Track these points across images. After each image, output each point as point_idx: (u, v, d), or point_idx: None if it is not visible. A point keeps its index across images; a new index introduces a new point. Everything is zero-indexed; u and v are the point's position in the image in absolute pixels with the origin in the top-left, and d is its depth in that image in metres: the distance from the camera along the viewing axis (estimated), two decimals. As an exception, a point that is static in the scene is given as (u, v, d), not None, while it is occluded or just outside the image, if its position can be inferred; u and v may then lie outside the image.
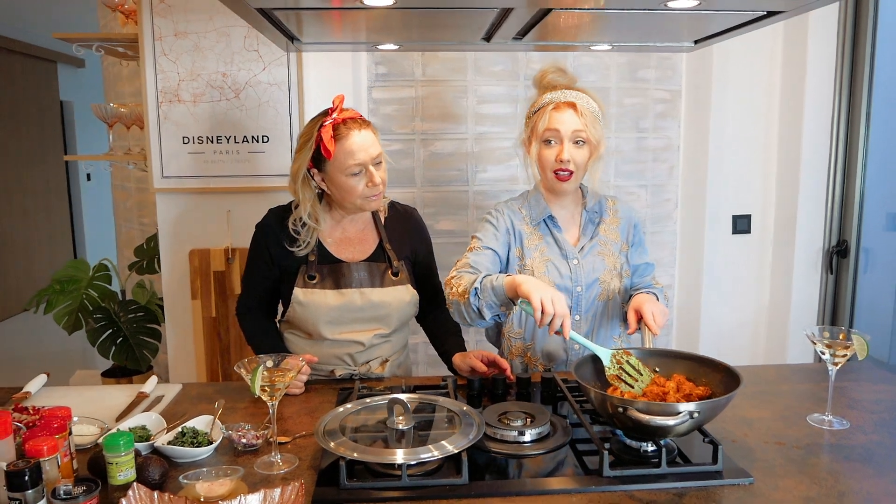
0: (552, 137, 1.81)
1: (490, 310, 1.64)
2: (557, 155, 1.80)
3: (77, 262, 3.17)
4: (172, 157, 2.54)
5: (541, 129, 1.82)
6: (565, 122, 1.79)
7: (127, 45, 2.64)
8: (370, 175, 1.75)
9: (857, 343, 1.49)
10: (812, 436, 1.49)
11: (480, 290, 1.63)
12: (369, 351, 1.89)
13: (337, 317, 1.83)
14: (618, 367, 1.48)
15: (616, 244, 1.94)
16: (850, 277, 3.04)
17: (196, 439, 1.39)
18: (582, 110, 1.80)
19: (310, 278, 1.83)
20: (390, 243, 1.91)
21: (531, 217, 1.92)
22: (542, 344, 1.91)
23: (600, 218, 1.95)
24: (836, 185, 3.02)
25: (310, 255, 1.84)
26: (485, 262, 1.83)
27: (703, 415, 1.26)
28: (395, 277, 1.87)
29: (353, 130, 1.73)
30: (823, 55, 2.91)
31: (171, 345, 2.68)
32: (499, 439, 1.42)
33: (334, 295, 1.82)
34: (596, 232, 1.93)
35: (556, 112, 1.80)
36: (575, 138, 1.80)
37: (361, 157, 1.73)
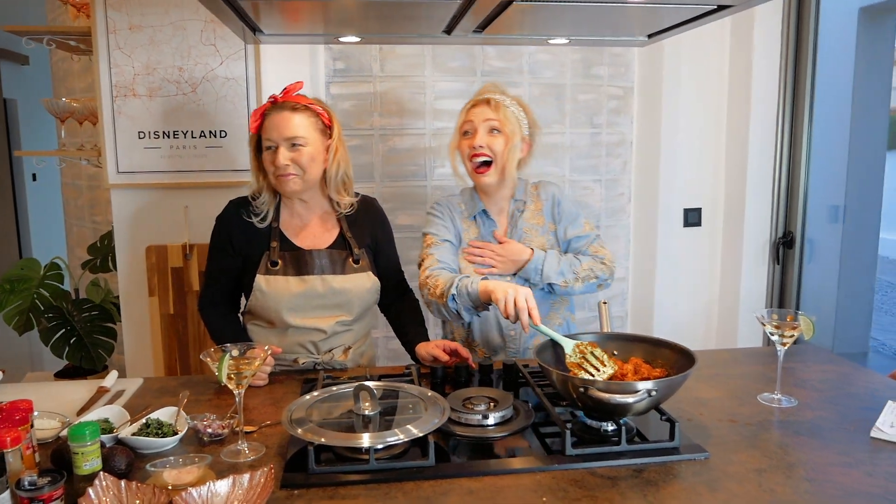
0: (468, 129, 1.95)
1: (468, 312, 1.79)
2: (471, 142, 1.92)
3: (27, 262, 3.09)
4: (127, 153, 2.51)
5: (459, 123, 1.97)
6: (478, 114, 1.93)
7: (79, 39, 2.59)
8: (275, 156, 1.79)
9: (803, 324, 1.56)
10: (763, 413, 1.56)
11: (457, 294, 1.75)
12: (332, 339, 1.90)
13: (299, 304, 1.84)
14: (580, 356, 1.52)
15: (541, 227, 2.04)
16: (796, 267, 3.15)
17: (161, 430, 1.39)
18: (495, 104, 1.93)
19: (272, 265, 1.84)
20: (351, 232, 1.93)
21: (468, 212, 2.03)
22: (479, 331, 2.01)
23: (524, 205, 2.05)
24: (781, 179, 3.13)
25: (272, 243, 1.86)
26: (448, 254, 1.94)
27: (660, 393, 1.31)
28: (355, 265, 1.90)
29: (276, 111, 1.79)
30: (769, 52, 3.01)
31: (127, 343, 2.64)
32: (463, 423, 1.44)
33: (296, 282, 1.84)
34: (520, 220, 2.03)
35: (473, 108, 1.96)
36: (489, 127, 1.92)
37: (271, 135, 1.79)
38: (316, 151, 1.83)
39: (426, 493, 1.21)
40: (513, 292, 1.62)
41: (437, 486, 1.23)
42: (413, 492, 1.21)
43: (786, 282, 3.20)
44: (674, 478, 1.26)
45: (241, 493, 1.15)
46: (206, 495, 1.12)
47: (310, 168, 1.82)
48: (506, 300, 1.62)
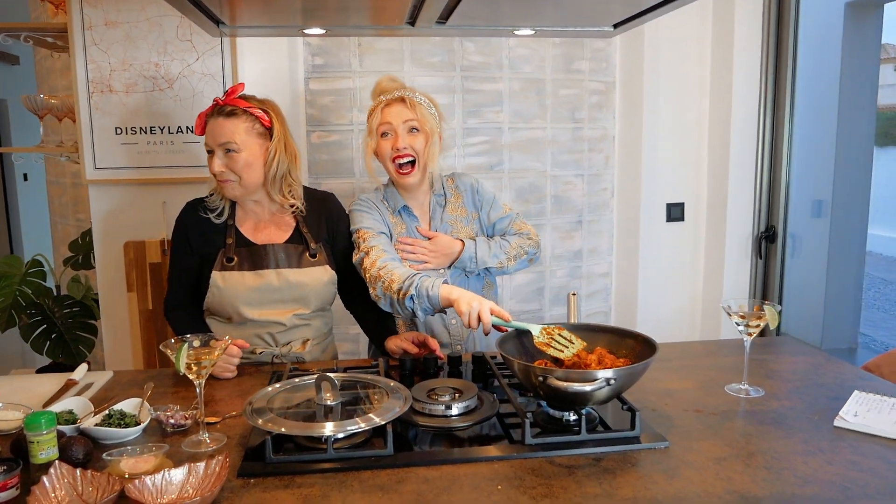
0: (386, 130, 1.93)
1: (424, 313, 1.76)
2: (393, 144, 1.91)
3: (9, 259, 3.08)
4: (105, 149, 2.50)
5: (375, 125, 1.95)
6: (395, 114, 1.92)
7: (56, 35, 2.59)
8: (212, 163, 1.82)
9: (768, 313, 1.57)
10: (729, 403, 1.56)
11: (416, 296, 1.72)
12: (290, 332, 1.91)
13: (255, 298, 1.86)
14: (548, 337, 1.52)
15: (465, 218, 2.06)
16: (779, 262, 3.16)
17: (123, 421, 1.39)
18: (411, 102, 1.92)
19: (228, 261, 1.86)
20: (307, 226, 1.94)
21: (390, 206, 2.02)
22: (422, 324, 2.01)
23: (445, 200, 2.06)
24: (763, 173, 3.14)
25: (227, 240, 1.88)
26: (387, 244, 1.93)
27: (620, 381, 1.31)
28: (312, 258, 1.91)
29: (214, 117, 1.82)
30: (750, 47, 3.03)
31: (106, 338, 2.63)
32: (427, 413, 1.45)
33: (252, 276, 1.85)
34: (444, 214, 2.04)
35: (388, 108, 1.94)
36: (408, 127, 1.92)
37: (208, 140, 1.83)
38: (252, 157, 1.83)
39: (382, 481, 1.21)
40: (477, 306, 1.61)
41: (393, 475, 1.23)
42: (369, 480, 1.21)
43: (768, 276, 3.21)
44: (632, 466, 1.26)
45: (195, 481, 1.15)
46: (160, 483, 1.12)
47: (245, 173, 1.83)
48: (469, 315, 1.61)
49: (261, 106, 1.85)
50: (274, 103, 1.91)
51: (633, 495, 1.16)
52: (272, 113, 1.86)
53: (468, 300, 1.64)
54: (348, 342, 2.82)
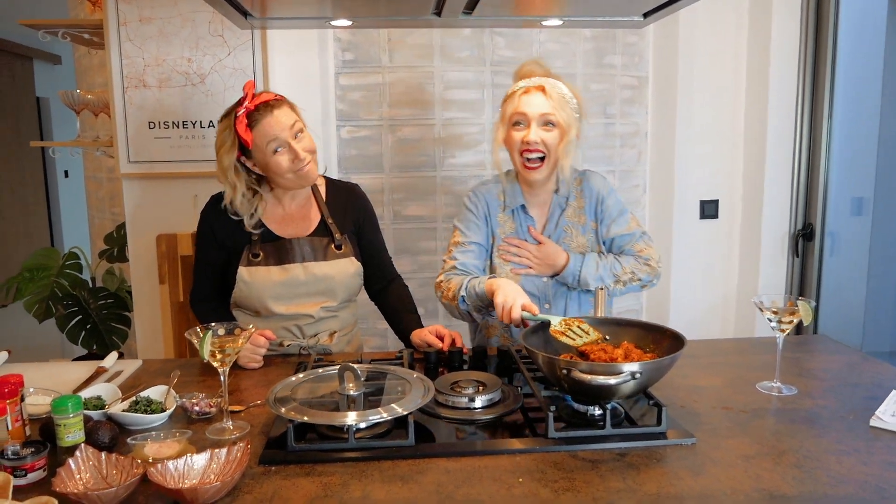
0: (520, 120, 1.83)
1: (478, 312, 1.80)
2: (524, 136, 1.82)
3: (47, 251, 3.16)
4: (138, 143, 2.54)
5: (509, 112, 1.85)
6: (533, 105, 1.81)
7: (92, 32, 2.63)
8: (293, 151, 1.79)
9: (802, 309, 1.52)
10: (759, 401, 1.52)
11: (467, 296, 1.78)
12: (317, 324, 1.92)
13: (282, 292, 1.86)
14: (564, 326, 1.51)
15: (582, 227, 1.97)
16: (816, 260, 3.08)
17: (150, 407, 1.40)
18: (551, 93, 1.81)
19: (254, 256, 1.87)
20: (332, 218, 1.94)
21: (507, 204, 1.95)
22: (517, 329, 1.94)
23: (567, 203, 1.97)
24: (801, 170, 3.06)
25: (253, 235, 1.88)
26: (471, 258, 1.91)
27: (646, 375, 1.28)
28: (338, 251, 1.91)
29: (264, 113, 1.77)
30: (787, 41, 2.95)
31: (139, 329, 2.68)
32: (450, 406, 1.44)
33: (278, 271, 1.86)
34: (561, 218, 1.96)
35: (525, 95, 1.83)
36: (543, 121, 1.81)
37: (278, 135, 1.77)
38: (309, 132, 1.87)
39: (403, 471, 1.20)
40: (511, 300, 1.62)
41: (414, 465, 1.22)
42: (390, 470, 1.20)
43: (805, 276, 3.14)
44: (657, 462, 1.23)
45: (217, 466, 1.15)
46: (182, 468, 1.13)
47: (315, 147, 1.85)
48: (502, 306, 1.63)
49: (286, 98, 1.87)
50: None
51: (658, 491, 1.13)
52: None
53: (504, 293, 1.64)
54: (377, 337, 2.83)
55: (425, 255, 2.85)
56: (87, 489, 1.10)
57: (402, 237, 2.84)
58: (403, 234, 2.84)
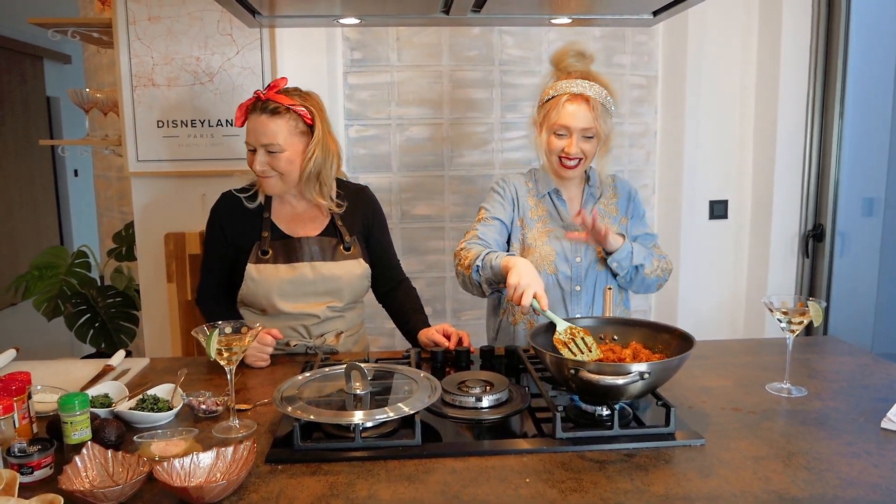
0: (563, 131, 1.87)
1: (489, 286, 1.77)
2: (566, 147, 1.86)
3: (56, 249, 3.17)
4: (147, 142, 2.55)
5: (553, 120, 1.87)
6: (577, 118, 1.84)
7: (101, 31, 2.64)
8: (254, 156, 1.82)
9: (812, 310, 1.51)
10: (769, 402, 1.51)
11: (482, 267, 1.74)
12: (324, 324, 1.91)
13: (289, 290, 1.86)
14: (569, 336, 1.49)
15: (615, 218, 2.01)
16: (826, 261, 3.06)
17: (156, 406, 1.40)
18: (594, 104, 1.84)
19: (262, 254, 1.87)
20: (342, 219, 1.94)
21: (537, 190, 1.98)
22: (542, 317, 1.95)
23: (600, 193, 2.02)
24: (811, 170, 3.04)
25: (263, 233, 1.89)
26: (492, 232, 1.92)
27: (654, 376, 1.27)
28: (346, 252, 1.91)
29: (257, 113, 1.79)
30: (798, 39, 2.93)
31: (147, 328, 2.68)
32: (457, 405, 1.43)
33: (286, 269, 1.86)
34: (596, 206, 2.00)
35: (570, 104, 1.85)
36: (585, 133, 1.86)
37: (250, 138, 1.82)
38: (294, 155, 1.82)
39: (409, 471, 1.19)
40: (525, 283, 1.56)
41: (420, 465, 1.21)
42: (396, 469, 1.20)
43: (816, 276, 3.11)
44: (665, 463, 1.22)
45: (223, 465, 1.15)
46: (188, 466, 1.13)
47: (288, 171, 1.83)
48: (515, 289, 1.57)
49: (303, 103, 1.82)
50: (317, 98, 1.88)
51: (666, 492, 1.12)
52: (314, 110, 1.83)
53: (519, 274, 1.58)
54: (384, 336, 2.82)
55: (433, 255, 2.85)
56: (94, 487, 1.10)
57: (409, 237, 2.83)
58: (411, 234, 2.84)
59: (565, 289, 1.94)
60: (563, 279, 1.93)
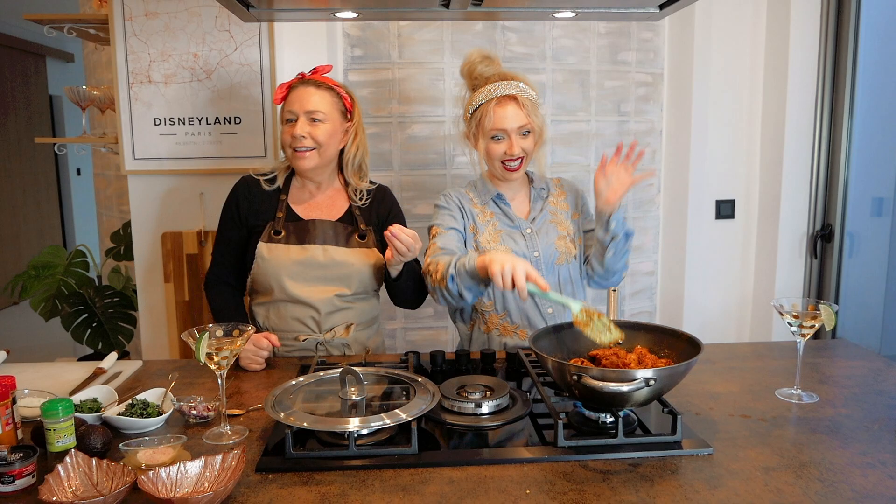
0: (499, 135, 1.85)
1: (469, 291, 1.68)
2: (507, 150, 1.84)
3: (54, 249, 3.13)
4: (144, 139, 2.51)
5: (487, 126, 1.85)
6: (510, 118, 1.83)
7: (98, 27, 2.60)
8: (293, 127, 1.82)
9: (824, 313, 1.46)
10: (779, 409, 1.46)
11: (456, 275, 1.66)
12: (333, 315, 1.87)
13: (298, 272, 1.84)
14: (587, 317, 1.45)
15: (566, 213, 1.99)
16: (835, 262, 3.00)
17: (146, 411, 1.36)
18: (523, 101, 1.84)
19: (275, 233, 1.86)
20: (359, 209, 1.93)
21: (479, 199, 1.96)
22: (517, 312, 1.91)
23: (548, 193, 2.01)
24: (820, 169, 2.99)
25: (277, 213, 1.88)
26: (452, 242, 1.87)
27: (660, 382, 1.22)
28: (360, 240, 1.89)
29: (302, 86, 1.83)
30: (807, 36, 2.87)
31: (143, 329, 2.64)
32: (456, 412, 1.39)
33: (297, 250, 1.84)
34: (545, 204, 1.98)
35: (500, 108, 1.83)
36: (521, 131, 1.84)
37: (293, 107, 1.82)
38: (334, 130, 1.85)
39: (405, 481, 1.15)
40: (510, 267, 1.50)
41: (417, 475, 1.17)
42: (391, 479, 1.15)
43: (824, 277, 3.06)
44: (671, 473, 1.18)
45: (211, 474, 1.11)
46: (175, 475, 1.09)
47: (327, 144, 1.84)
48: (502, 274, 1.50)
49: (345, 88, 1.91)
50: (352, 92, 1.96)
51: (673, 505, 1.08)
52: (354, 98, 1.93)
53: (500, 260, 1.52)
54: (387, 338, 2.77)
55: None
56: (76, 497, 1.06)
57: (410, 236, 2.79)
58: (412, 233, 2.79)
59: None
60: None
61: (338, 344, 1.89)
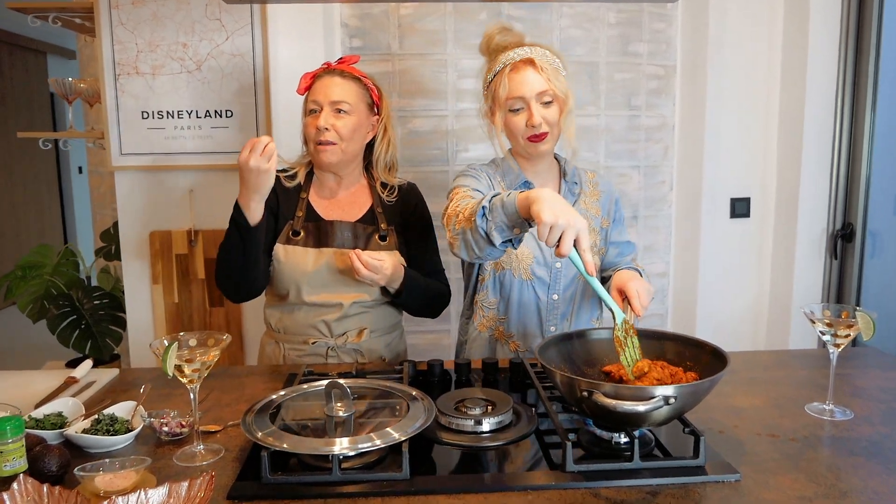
0: (517, 104, 1.65)
1: (500, 233, 1.34)
2: (528, 120, 1.64)
3: (42, 248, 3.02)
4: (131, 134, 2.39)
5: (503, 96, 1.65)
6: (527, 84, 1.62)
7: (84, 17, 2.48)
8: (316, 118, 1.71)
9: (861, 321, 1.32)
10: (810, 427, 1.32)
11: (489, 209, 1.35)
12: (347, 320, 1.76)
13: (315, 277, 1.73)
14: (625, 334, 1.30)
15: (596, 219, 1.80)
16: (856, 263, 2.87)
17: (113, 427, 1.24)
18: (541, 65, 1.64)
19: (294, 234, 1.75)
20: (382, 208, 1.81)
21: (506, 184, 1.75)
22: (517, 320, 1.76)
23: (580, 190, 1.80)
24: (840, 166, 2.86)
25: (297, 212, 1.77)
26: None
27: (681, 400, 1.09)
28: (382, 242, 1.77)
29: (327, 75, 1.74)
30: (827, 26, 2.75)
31: (131, 333, 2.52)
32: (454, 429, 1.26)
33: (315, 254, 1.74)
34: (576, 205, 1.77)
35: (515, 74, 1.63)
36: (542, 99, 1.64)
37: (317, 97, 1.72)
38: (359, 123, 1.75)
39: (394, 511, 1.02)
40: (564, 223, 1.20)
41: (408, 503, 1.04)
42: (379, 509, 1.03)
43: (844, 278, 2.92)
44: None
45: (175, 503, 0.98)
46: (134, 506, 0.96)
47: (351, 138, 1.72)
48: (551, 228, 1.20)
49: (373, 80, 1.82)
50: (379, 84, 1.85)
51: (698, 542, 0.95)
52: (381, 91, 1.83)
53: (553, 207, 1.21)
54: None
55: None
56: (21, 531, 0.93)
57: (411, 236, 2.66)
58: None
59: (541, 298, 1.75)
60: (540, 287, 1.73)
61: (350, 350, 1.77)
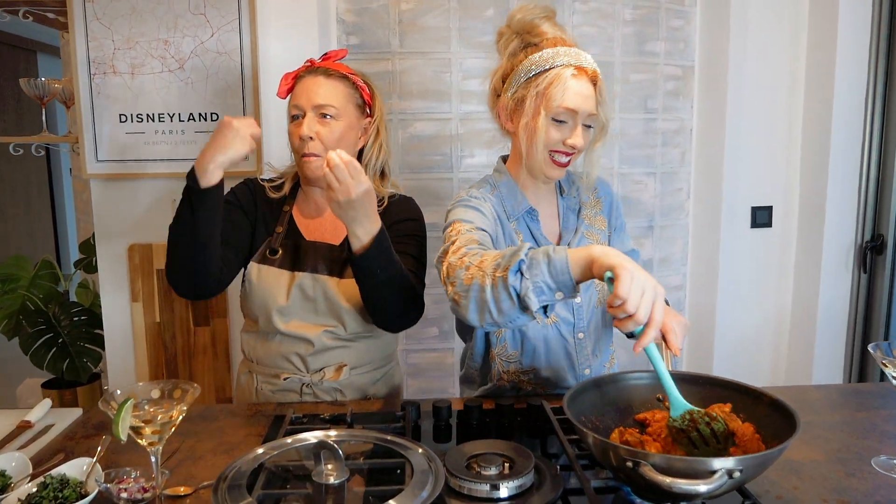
0: (565, 116, 1.41)
1: (539, 295, 1.10)
2: (569, 139, 1.42)
3: (15, 259, 2.83)
4: (108, 138, 2.20)
5: (556, 101, 1.38)
6: (585, 100, 1.40)
7: (57, 11, 2.29)
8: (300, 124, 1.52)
9: (940, 365, 1.14)
10: (884, 489, 1.13)
11: (528, 264, 1.10)
12: (322, 355, 1.57)
13: (286, 303, 1.54)
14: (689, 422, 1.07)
15: (602, 232, 1.60)
16: (887, 276, 2.72)
17: (61, 494, 1.04)
18: (600, 86, 1.43)
19: (271, 253, 1.57)
20: None
21: (508, 212, 1.52)
22: (546, 367, 1.54)
23: (579, 203, 1.60)
24: (870, 172, 2.71)
25: (278, 228, 1.59)
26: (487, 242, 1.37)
27: (746, 472, 0.90)
28: None
29: (310, 75, 1.56)
30: (856, 23, 2.60)
31: (109, 354, 2.33)
32: (465, 495, 1.06)
33: (288, 277, 1.55)
34: (580, 222, 1.58)
35: (577, 82, 1.39)
36: (587, 120, 1.43)
37: (300, 101, 1.54)
38: (348, 128, 1.56)
39: None
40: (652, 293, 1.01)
41: None
42: None
43: (874, 293, 2.76)
44: None
45: None
46: None
47: (338, 147, 1.48)
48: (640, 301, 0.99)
49: (363, 77, 1.62)
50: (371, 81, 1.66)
51: None
52: (373, 88, 1.64)
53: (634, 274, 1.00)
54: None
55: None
56: None
57: (412, 248, 2.48)
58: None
59: (567, 339, 1.53)
60: (565, 327, 1.52)
61: (328, 388, 1.57)
